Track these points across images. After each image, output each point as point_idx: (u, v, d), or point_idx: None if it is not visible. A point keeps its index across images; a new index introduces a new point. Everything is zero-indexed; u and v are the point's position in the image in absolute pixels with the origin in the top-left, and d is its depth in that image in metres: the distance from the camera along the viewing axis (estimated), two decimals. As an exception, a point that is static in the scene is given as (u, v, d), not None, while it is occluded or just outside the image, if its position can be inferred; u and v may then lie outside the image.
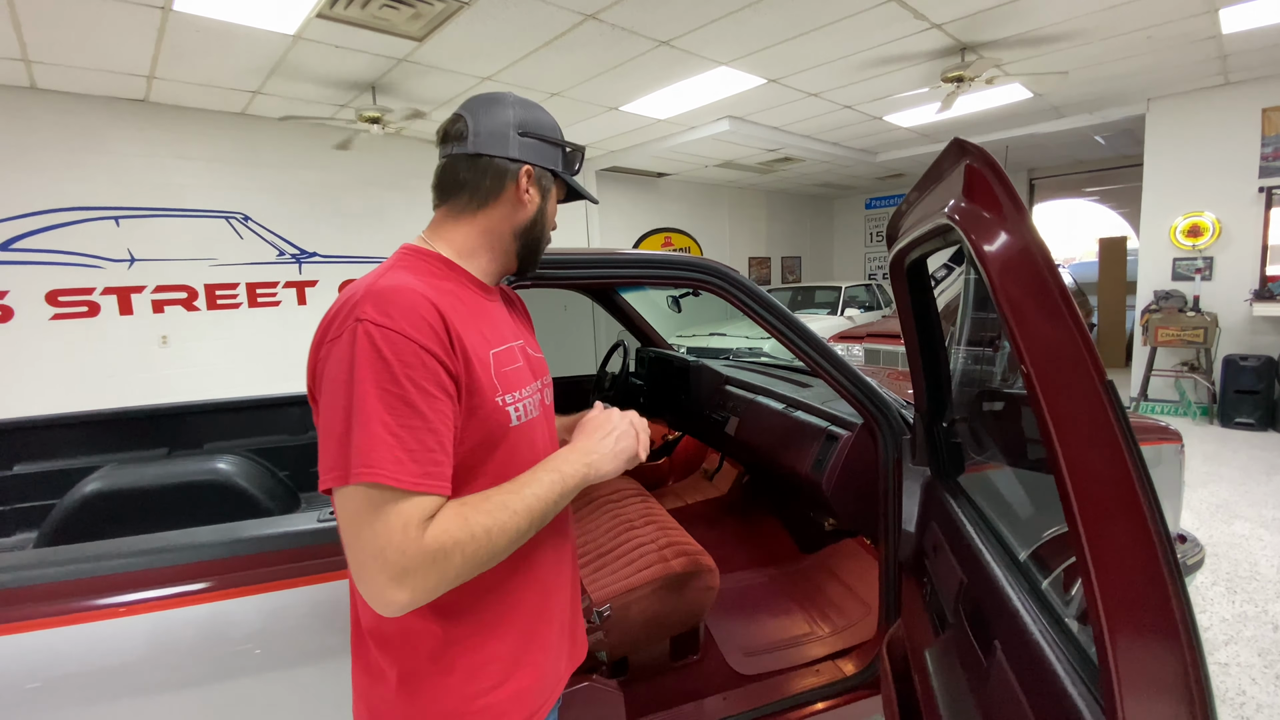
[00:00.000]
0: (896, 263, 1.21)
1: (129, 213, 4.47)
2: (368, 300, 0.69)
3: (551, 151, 0.87)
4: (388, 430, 0.65)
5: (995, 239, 0.51)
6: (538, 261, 0.93)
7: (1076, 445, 0.49)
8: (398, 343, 0.67)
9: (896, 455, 1.55)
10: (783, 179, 9.18)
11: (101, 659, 0.98)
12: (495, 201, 0.85)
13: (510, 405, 0.79)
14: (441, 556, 0.65)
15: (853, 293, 8.02)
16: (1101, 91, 5.31)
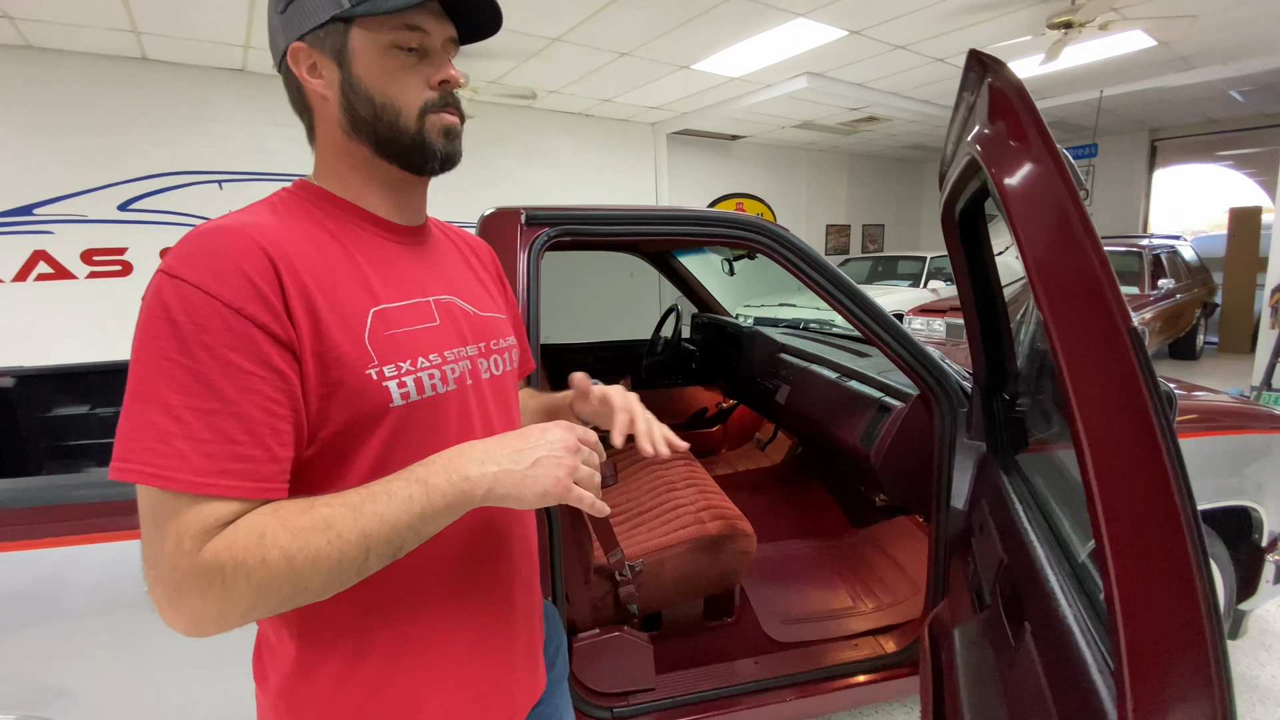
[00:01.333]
0: (946, 213, 1.11)
1: (230, 177, 4.82)
2: (182, 250, 0.54)
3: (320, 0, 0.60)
4: (168, 415, 0.50)
5: (1017, 173, 0.45)
6: (424, 146, 0.65)
7: (1095, 409, 0.43)
8: (195, 300, 0.51)
9: (953, 429, 1.47)
10: (866, 140, 8.68)
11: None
12: (312, 113, 0.66)
13: (391, 379, 0.60)
14: (219, 579, 0.49)
15: (939, 264, 7.55)
16: (1239, 39, 4.63)
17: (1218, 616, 0.46)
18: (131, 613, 1.07)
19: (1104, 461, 0.44)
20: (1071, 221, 0.42)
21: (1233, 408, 1.82)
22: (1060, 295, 0.43)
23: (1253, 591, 1.81)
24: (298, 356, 0.55)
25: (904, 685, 1.59)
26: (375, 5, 0.59)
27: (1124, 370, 0.43)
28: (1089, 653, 0.68)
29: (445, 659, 0.65)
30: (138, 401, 0.50)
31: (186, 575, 0.49)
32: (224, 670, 1.12)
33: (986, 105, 0.55)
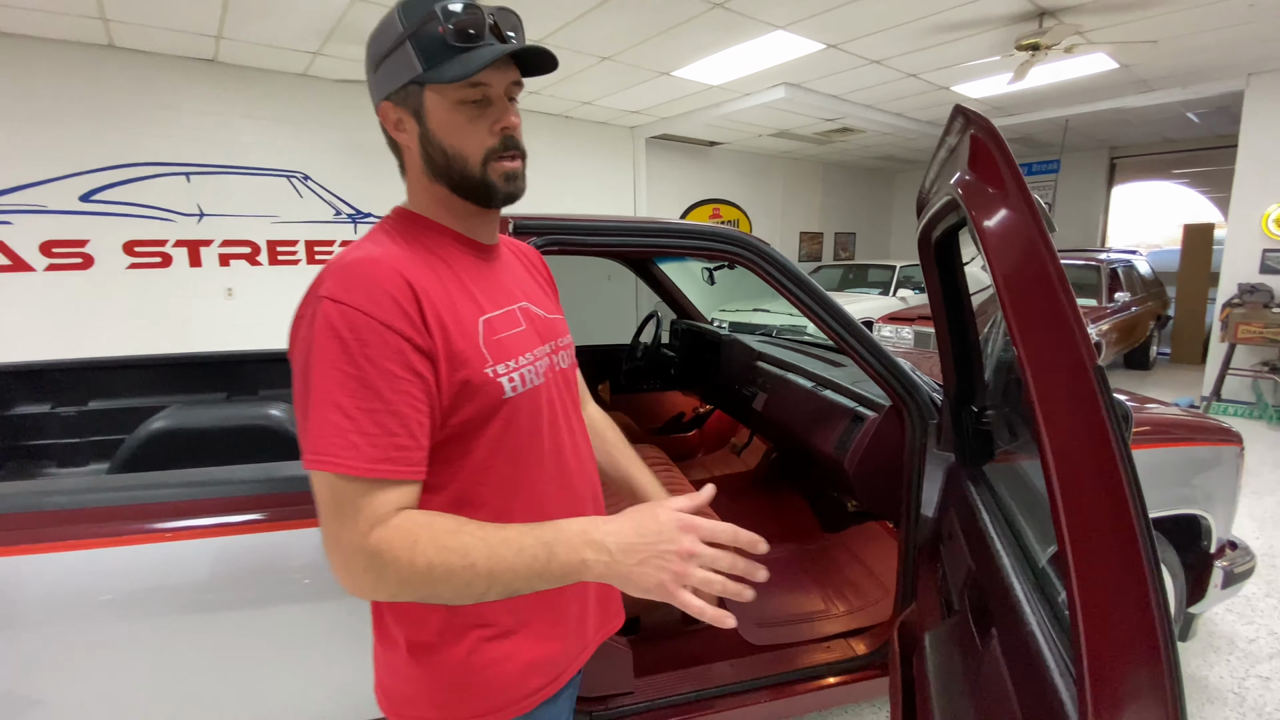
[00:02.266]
0: (924, 237, 1.16)
1: (198, 169, 4.70)
2: (330, 276, 0.65)
3: (402, 59, 0.69)
4: (343, 414, 0.61)
5: (994, 216, 0.49)
6: (488, 187, 0.74)
7: (1061, 429, 0.47)
8: (357, 321, 0.62)
9: (923, 439, 1.52)
10: (841, 151, 8.85)
11: (164, 578, 1.07)
12: (402, 157, 0.77)
13: (503, 376, 0.72)
14: (377, 564, 0.61)
15: (908, 272, 7.73)
16: (1196, 64, 4.86)
17: (1170, 620, 0.50)
18: (98, 621, 1.05)
19: (1066, 474, 0.48)
20: (1044, 263, 0.46)
21: (1183, 420, 1.92)
22: (1032, 330, 0.47)
23: (1202, 595, 1.91)
24: (434, 362, 0.67)
25: (873, 687, 1.64)
26: (439, 74, 0.68)
27: (1087, 395, 0.47)
28: (1051, 657, 0.72)
29: (569, 598, 0.81)
30: (318, 406, 0.62)
31: (355, 554, 0.61)
32: (185, 672, 1.12)
33: (968, 152, 0.59)
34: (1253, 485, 3.70)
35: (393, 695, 0.77)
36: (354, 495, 0.61)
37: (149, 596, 1.07)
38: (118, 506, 1.08)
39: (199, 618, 1.10)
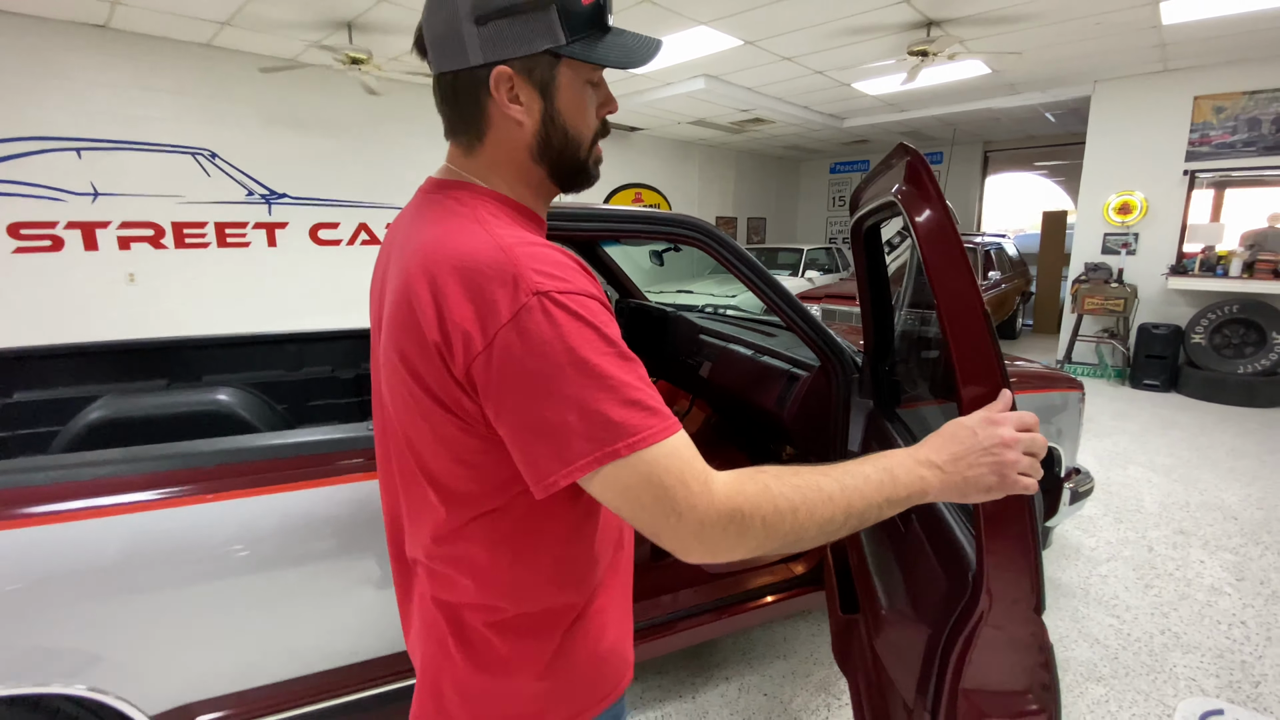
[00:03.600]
0: (856, 228, 1.45)
1: (91, 144, 4.35)
2: (527, 270, 0.58)
3: (539, 22, 0.61)
4: (632, 390, 0.58)
5: (923, 215, 0.75)
6: (587, 170, 0.72)
7: (966, 358, 0.75)
8: (589, 305, 0.59)
9: (846, 391, 1.84)
10: (753, 140, 9.33)
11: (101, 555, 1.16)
12: (490, 128, 0.66)
13: None
14: (739, 519, 0.58)
15: (813, 255, 8.36)
16: (1053, 72, 5.63)
17: (1036, 498, 0.79)
18: (167, 588, 1.15)
19: (968, 381, 0.75)
20: (956, 248, 0.73)
21: (1042, 372, 2.38)
22: (944, 280, 0.74)
23: (1055, 511, 2.40)
24: None
25: (808, 600, 1.97)
26: (595, 53, 0.63)
27: (982, 334, 0.74)
28: (956, 526, 1.03)
29: (623, 606, 0.82)
30: (611, 389, 0.56)
31: (712, 517, 0.57)
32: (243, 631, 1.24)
33: (905, 171, 0.85)
34: (1093, 430, 4.45)
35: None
36: (677, 460, 0.57)
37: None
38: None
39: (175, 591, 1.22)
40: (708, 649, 2.16)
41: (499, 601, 0.68)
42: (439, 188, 0.68)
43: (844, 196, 11.42)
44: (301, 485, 1.27)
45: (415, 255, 0.62)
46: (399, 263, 0.65)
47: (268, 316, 5.22)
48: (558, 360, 0.56)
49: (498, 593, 0.68)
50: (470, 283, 0.58)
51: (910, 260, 1.73)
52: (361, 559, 1.33)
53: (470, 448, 0.63)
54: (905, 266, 1.84)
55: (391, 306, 0.64)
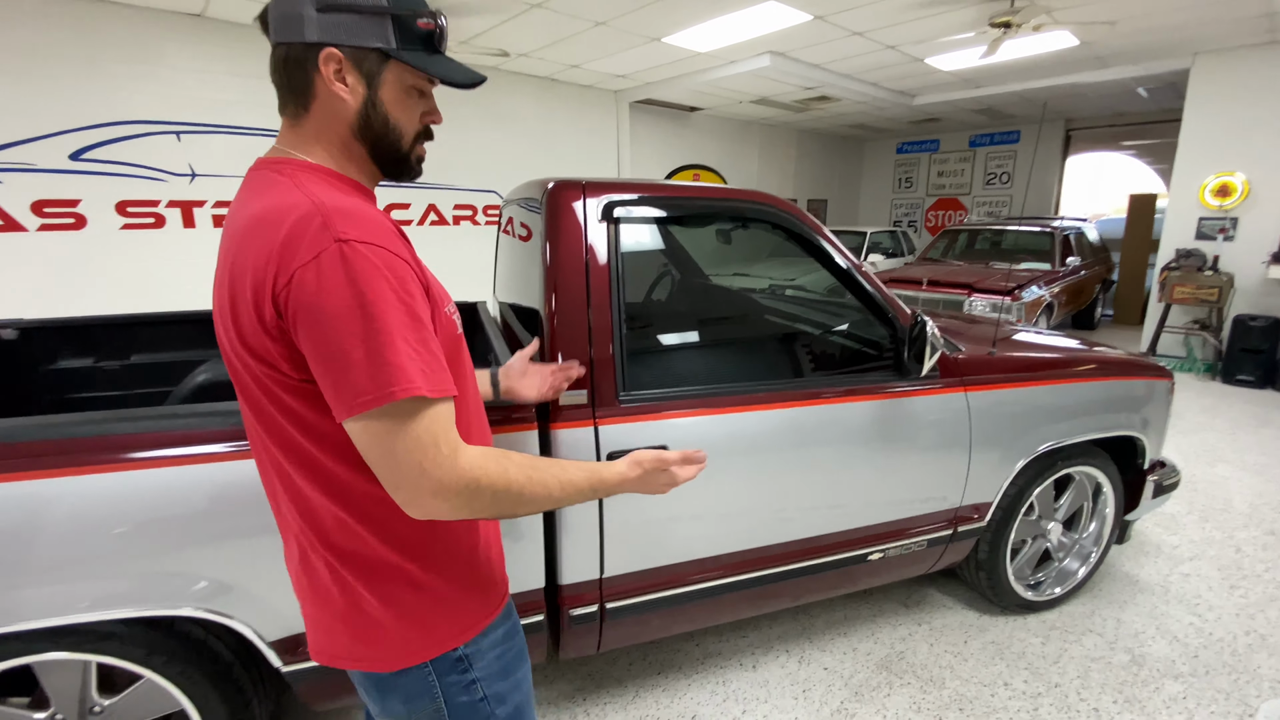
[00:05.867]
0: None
1: (188, 128, 4.65)
2: (337, 220, 0.64)
3: (373, 24, 0.71)
4: (409, 345, 0.65)
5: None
6: (408, 164, 0.81)
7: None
8: (389, 259, 0.65)
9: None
10: (816, 119, 9.08)
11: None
12: (315, 100, 0.73)
13: (453, 315, 0.82)
14: (473, 486, 0.68)
15: (877, 238, 8.11)
16: (1148, 43, 5.24)
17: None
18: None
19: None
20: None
21: (1127, 359, 2.28)
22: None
23: (1136, 504, 2.30)
24: (429, 296, 0.72)
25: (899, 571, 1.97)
26: (423, 62, 0.74)
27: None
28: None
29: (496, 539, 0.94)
30: (386, 340, 0.63)
31: (450, 479, 0.67)
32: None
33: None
34: (1180, 425, 4.21)
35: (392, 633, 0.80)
36: (440, 422, 0.66)
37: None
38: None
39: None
40: (767, 621, 2.20)
41: (361, 526, 0.76)
42: (263, 165, 0.75)
43: (910, 178, 11.01)
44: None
45: (240, 227, 0.69)
46: (228, 240, 0.72)
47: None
48: (349, 302, 0.62)
49: (360, 515, 0.75)
50: (280, 232, 0.64)
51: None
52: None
53: (299, 390, 0.69)
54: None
55: (227, 280, 0.69)
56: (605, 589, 1.54)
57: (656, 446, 1.51)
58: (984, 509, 2.00)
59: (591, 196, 1.57)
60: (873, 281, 1.81)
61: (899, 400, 1.81)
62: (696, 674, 1.95)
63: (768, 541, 1.71)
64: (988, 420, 1.92)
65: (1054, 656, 2.02)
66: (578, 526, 1.47)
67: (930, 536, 1.95)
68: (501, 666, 0.87)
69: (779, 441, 1.67)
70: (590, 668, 1.98)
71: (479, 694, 0.85)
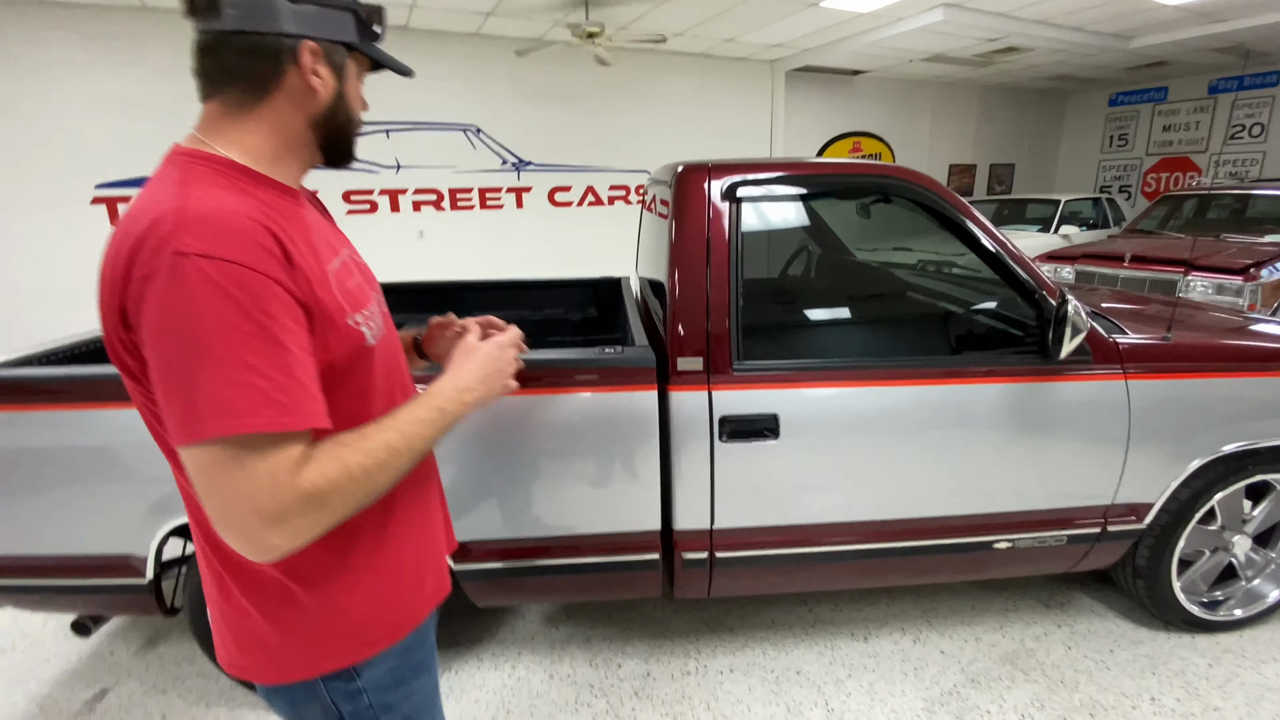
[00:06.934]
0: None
1: (395, 126, 5.46)
2: (184, 230, 0.59)
3: (340, 19, 0.72)
4: (259, 375, 0.59)
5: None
6: (351, 152, 0.81)
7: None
8: (237, 275, 0.59)
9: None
10: (1002, 73, 8.10)
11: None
12: (277, 90, 0.70)
13: (362, 325, 0.74)
14: (318, 500, 0.62)
15: (1074, 207, 7.11)
16: None
17: None
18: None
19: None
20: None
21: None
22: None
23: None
24: (309, 311, 0.66)
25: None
26: (379, 54, 0.78)
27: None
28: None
29: (415, 525, 0.89)
30: (226, 369, 0.57)
31: (289, 502, 0.60)
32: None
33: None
34: None
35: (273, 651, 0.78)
36: (271, 453, 0.60)
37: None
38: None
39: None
40: (885, 599, 2.21)
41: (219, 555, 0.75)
42: (174, 155, 0.70)
43: (1125, 135, 9.40)
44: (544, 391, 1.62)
45: (118, 223, 0.65)
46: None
47: (515, 266, 6.13)
48: (180, 323, 0.58)
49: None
50: (131, 238, 0.60)
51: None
52: (576, 458, 1.64)
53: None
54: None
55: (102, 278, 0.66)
56: (715, 539, 1.70)
57: (766, 416, 1.62)
58: (1143, 510, 1.82)
59: (716, 178, 1.68)
60: (1018, 258, 1.72)
61: (1038, 385, 1.72)
62: (806, 635, 2.04)
63: (883, 516, 1.74)
64: (1153, 412, 1.74)
65: (1221, 680, 1.80)
66: (690, 480, 1.64)
67: (1072, 532, 1.82)
68: (394, 679, 0.85)
69: (900, 418, 1.68)
70: (705, 614, 2.16)
71: (365, 702, 0.83)
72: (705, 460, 1.63)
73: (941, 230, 1.81)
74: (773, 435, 1.63)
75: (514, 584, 1.73)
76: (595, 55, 5.00)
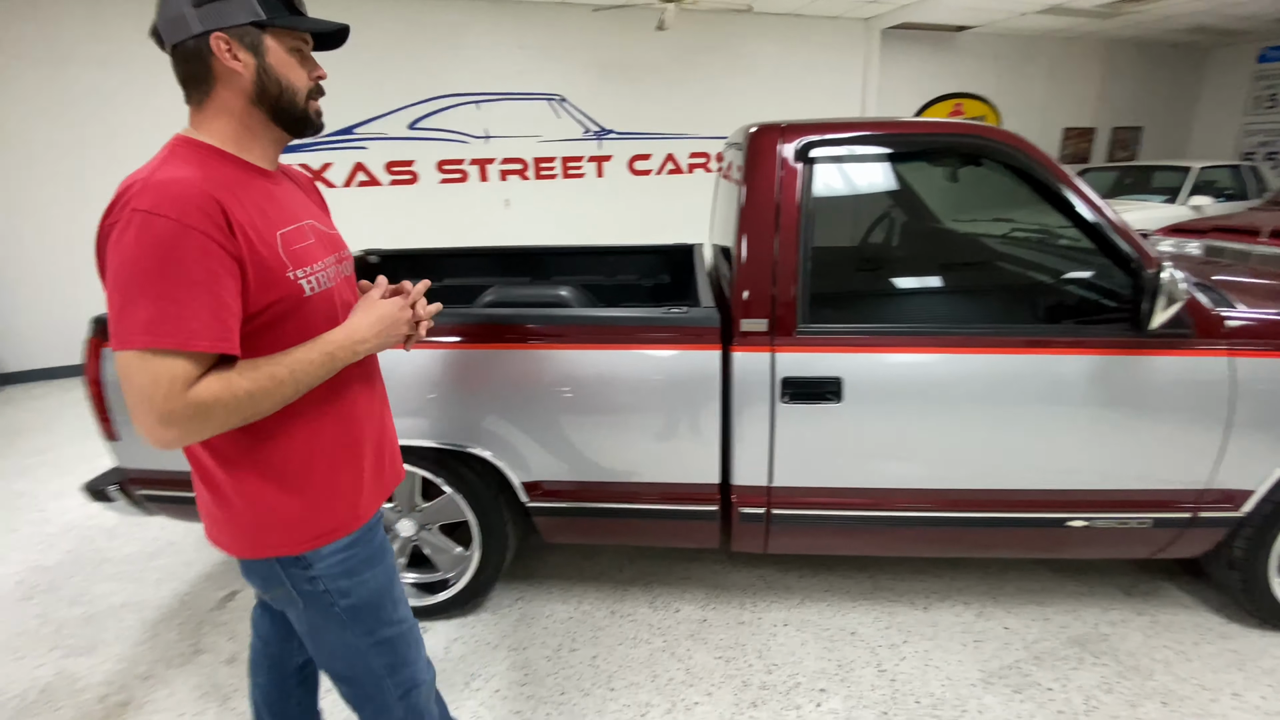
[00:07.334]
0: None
1: (484, 97, 5.65)
2: (145, 193, 0.76)
3: (241, 4, 0.84)
4: (167, 303, 0.75)
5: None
6: (307, 118, 0.94)
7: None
8: (173, 229, 0.75)
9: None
10: (1132, 25, 7.28)
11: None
12: (213, 85, 0.86)
13: (303, 279, 0.89)
14: (203, 410, 0.77)
15: (1209, 176, 6.36)
16: None
17: None
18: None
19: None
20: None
21: None
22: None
23: None
24: (243, 266, 0.82)
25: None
26: (288, 22, 0.88)
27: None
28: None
29: (346, 454, 1.01)
30: (152, 299, 0.74)
31: (179, 408, 0.76)
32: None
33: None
34: None
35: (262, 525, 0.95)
36: (171, 364, 0.76)
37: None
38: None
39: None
40: (949, 571, 2.19)
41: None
42: (170, 141, 0.89)
43: (1276, 95, 8.24)
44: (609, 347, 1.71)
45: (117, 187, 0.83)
46: None
47: (594, 233, 6.25)
48: (124, 258, 0.76)
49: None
50: (114, 198, 0.80)
51: None
52: (641, 410, 1.72)
53: None
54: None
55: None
56: (773, 496, 1.75)
57: (829, 379, 1.63)
58: (1241, 497, 1.70)
59: (789, 139, 1.69)
60: (1115, 224, 1.62)
61: (1128, 358, 1.63)
62: (864, 600, 2.07)
63: (949, 485, 1.73)
64: (1261, 393, 1.61)
65: (1319, 682, 1.68)
66: (750, 437, 1.69)
67: (1157, 516, 1.74)
68: (345, 570, 1.00)
69: (973, 386, 1.65)
70: (762, 570, 2.22)
71: (321, 587, 0.99)
72: (765, 419, 1.67)
73: (1035, 196, 1.72)
74: (835, 398, 1.65)
75: (579, 523, 1.87)
76: (661, 19, 4.94)
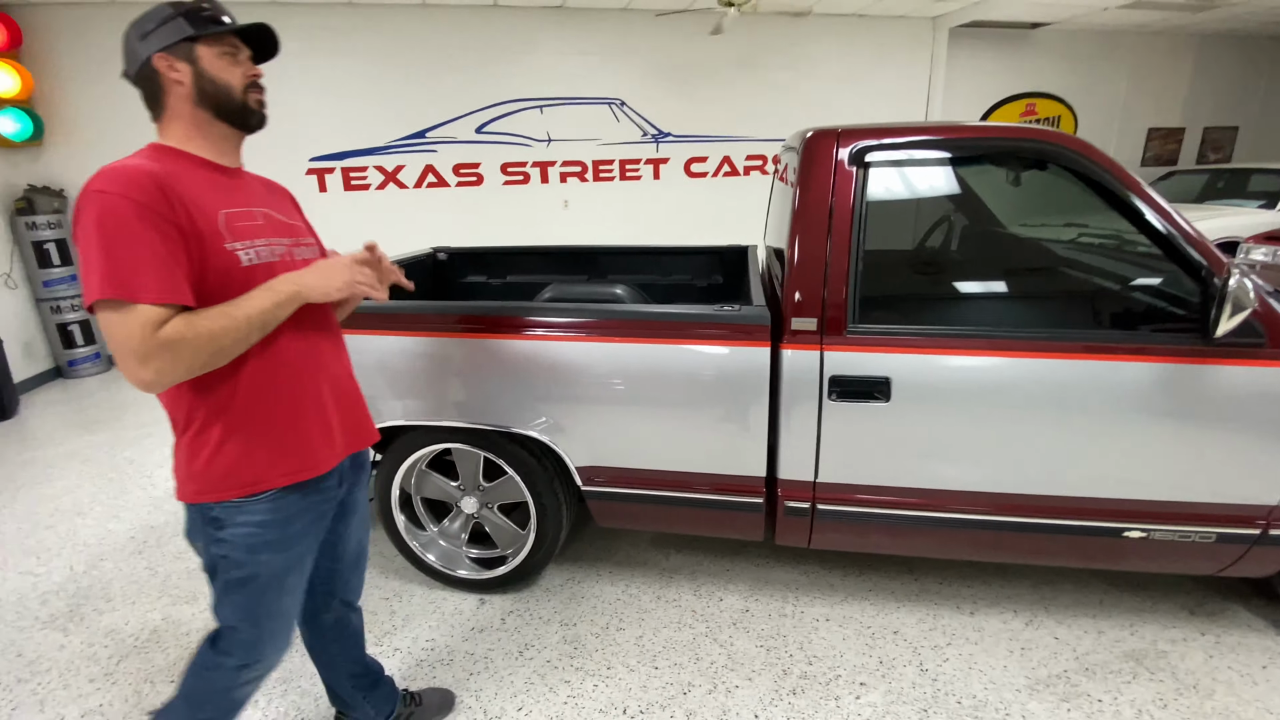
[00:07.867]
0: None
1: (546, 102, 5.84)
2: (99, 178, 0.94)
3: (172, 27, 1.02)
4: (139, 262, 0.91)
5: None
6: (246, 107, 1.09)
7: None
8: (123, 203, 0.92)
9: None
10: (1226, 19, 6.83)
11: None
12: (164, 97, 1.05)
13: (240, 250, 1.04)
14: (172, 347, 0.92)
15: (1311, 179, 5.90)
16: None
17: None
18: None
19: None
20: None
21: None
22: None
23: None
24: (184, 235, 0.97)
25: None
26: (213, 30, 1.05)
27: None
28: None
29: (304, 409, 1.15)
30: (116, 262, 0.91)
31: (152, 347, 0.92)
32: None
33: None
34: None
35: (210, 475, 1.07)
36: (139, 313, 0.92)
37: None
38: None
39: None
40: (999, 579, 2.16)
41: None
42: (147, 147, 1.07)
43: (1396, 87, 7.52)
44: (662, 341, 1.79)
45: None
46: None
47: (649, 234, 6.36)
48: (88, 230, 0.93)
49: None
50: (84, 185, 0.96)
51: None
52: (691, 403, 1.79)
53: None
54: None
55: None
56: (818, 491, 1.79)
57: (878, 379, 1.66)
58: (1317, 515, 1.63)
59: (845, 144, 1.73)
60: (1184, 230, 1.59)
61: (1194, 366, 1.59)
62: (908, 601, 2.07)
63: (999, 489, 1.73)
64: (1341, 407, 1.54)
65: (1400, 713, 1.59)
66: (797, 433, 1.74)
67: (1222, 530, 1.68)
68: (247, 544, 1.10)
69: (1028, 390, 1.64)
70: (806, 566, 2.25)
71: (221, 552, 1.11)
72: (813, 416, 1.71)
73: (1102, 202, 1.70)
74: (884, 398, 1.68)
75: (630, 509, 1.95)
76: (716, 24, 4.98)
